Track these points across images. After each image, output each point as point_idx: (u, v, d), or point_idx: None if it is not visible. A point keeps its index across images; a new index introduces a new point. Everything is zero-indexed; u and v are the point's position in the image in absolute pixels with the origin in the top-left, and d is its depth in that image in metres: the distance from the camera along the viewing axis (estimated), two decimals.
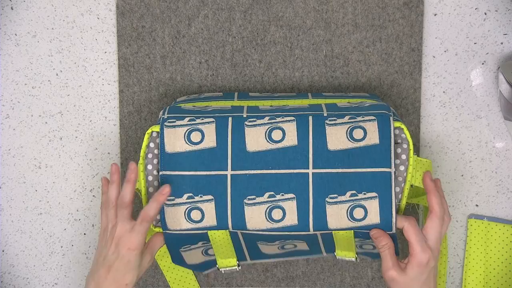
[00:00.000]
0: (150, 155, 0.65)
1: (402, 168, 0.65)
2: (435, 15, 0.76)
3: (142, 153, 0.65)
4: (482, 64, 0.77)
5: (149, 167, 0.65)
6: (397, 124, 0.64)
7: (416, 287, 0.63)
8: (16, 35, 0.77)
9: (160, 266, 0.78)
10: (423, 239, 0.62)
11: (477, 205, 0.79)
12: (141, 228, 0.63)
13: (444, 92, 0.78)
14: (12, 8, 0.76)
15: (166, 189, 0.64)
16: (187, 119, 0.65)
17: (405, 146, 0.65)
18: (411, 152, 0.65)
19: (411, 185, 0.67)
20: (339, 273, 0.80)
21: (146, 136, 0.64)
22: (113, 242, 0.63)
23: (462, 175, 0.79)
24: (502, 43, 0.77)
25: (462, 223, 0.79)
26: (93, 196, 0.79)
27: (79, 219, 0.79)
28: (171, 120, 0.65)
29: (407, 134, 0.64)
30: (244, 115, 0.65)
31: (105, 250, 0.64)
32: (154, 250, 0.67)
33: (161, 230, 0.67)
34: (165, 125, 0.64)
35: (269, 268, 0.80)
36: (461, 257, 0.80)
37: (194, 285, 0.79)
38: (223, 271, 0.72)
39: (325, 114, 0.64)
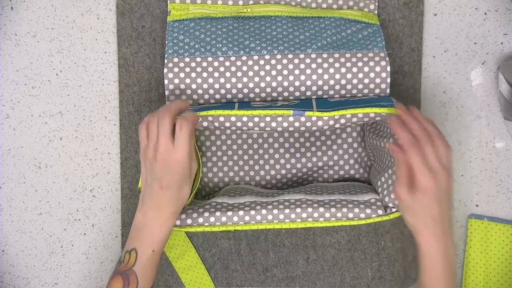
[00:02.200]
0: None
1: None
2: (435, 15, 0.76)
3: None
4: (482, 64, 0.77)
5: None
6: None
7: (423, 215, 0.58)
8: (16, 35, 0.77)
9: (176, 267, 0.78)
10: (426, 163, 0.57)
11: (477, 205, 0.79)
12: (183, 135, 0.59)
13: (444, 92, 0.78)
14: (12, 8, 0.76)
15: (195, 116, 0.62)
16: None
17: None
18: None
19: None
20: (339, 273, 0.80)
21: None
22: (158, 159, 0.60)
23: (462, 175, 0.79)
24: (502, 43, 0.77)
25: (462, 223, 0.79)
26: (93, 196, 0.79)
27: (79, 219, 0.79)
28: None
29: None
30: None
31: (152, 171, 0.61)
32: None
33: (186, 229, 0.67)
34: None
35: (269, 268, 0.80)
36: (461, 257, 0.80)
37: (210, 285, 0.79)
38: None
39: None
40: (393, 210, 0.66)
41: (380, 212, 0.66)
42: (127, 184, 0.78)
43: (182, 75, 0.69)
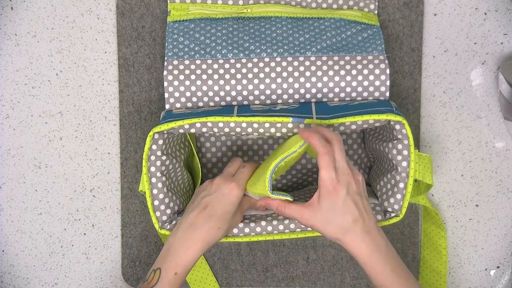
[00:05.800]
0: (152, 157, 0.65)
1: (404, 164, 0.65)
2: (435, 15, 0.76)
3: (144, 156, 0.65)
4: (482, 64, 0.77)
5: (152, 169, 0.65)
6: (399, 118, 0.63)
7: (335, 217, 0.59)
8: (16, 35, 0.77)
9: None
10: (332, 167, 0.58)
11: (477, 205, 0.79)
12: (240, 175, 0.65)
13: (444, 92, 0.78)
14: (12, 8, 0.76)
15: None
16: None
17: (405, 142, 0.65)
18: (412, 147, 0.64)
19: (415, 180, 0.67)
20: (339, 273, 0.80)
21: (148, 139, 0.64)
22: (213, 185, 0.65)
23: (462, 175, 0.79)
24: (502, 43, 0.77)
25: (462, 223, 0.79)
26: (93, 196, 0.79)
27: (79, 219, 0.79)
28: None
29: (407, 130, 0.64)
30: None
31: (204, 191, 0.65)
32: (243, 208, 0.67)
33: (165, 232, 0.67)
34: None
35: (269, 268, 0.80)
36: (461, 257, 0.80)
37: (215, 286, 0.79)
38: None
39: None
40: (392, 215, 0.67)
41: (379, 217, 0.66)
42: (127, 184, 0.78)
43: (181, 77, 0.69)
